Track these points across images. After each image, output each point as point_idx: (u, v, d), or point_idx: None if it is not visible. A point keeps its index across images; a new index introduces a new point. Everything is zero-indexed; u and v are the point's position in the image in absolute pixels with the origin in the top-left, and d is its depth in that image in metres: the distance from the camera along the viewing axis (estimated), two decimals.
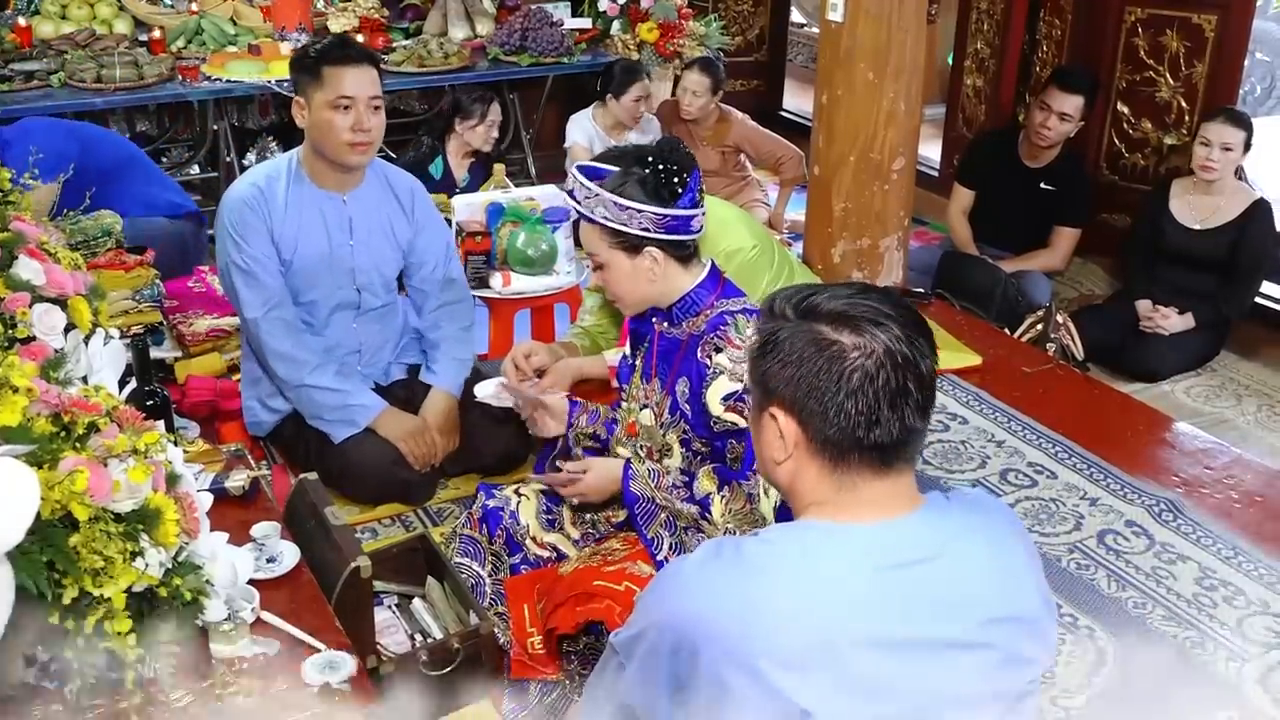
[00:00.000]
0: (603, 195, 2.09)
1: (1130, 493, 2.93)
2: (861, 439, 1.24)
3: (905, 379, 1.23)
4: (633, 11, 5.43)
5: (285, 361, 2.82)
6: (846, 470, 1.26)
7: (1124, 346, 4.05)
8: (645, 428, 2.30)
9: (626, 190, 2.09)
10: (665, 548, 2.16)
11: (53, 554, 1.30)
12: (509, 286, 3.52)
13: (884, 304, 1.26)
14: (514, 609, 2.25)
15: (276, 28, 5.11)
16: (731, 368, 2.09)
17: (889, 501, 1.27)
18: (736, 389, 2.09)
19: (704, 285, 2.19)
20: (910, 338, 1.24)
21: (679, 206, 2.10)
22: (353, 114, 2.68)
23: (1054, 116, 4.30)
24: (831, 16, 3.72)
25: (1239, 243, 3.99)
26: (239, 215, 2.77)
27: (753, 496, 2.07)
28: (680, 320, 2.20)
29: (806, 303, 1.28)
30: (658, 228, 2.10)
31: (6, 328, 1.75)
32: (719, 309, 2.16)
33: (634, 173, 2.10)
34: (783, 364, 1.26)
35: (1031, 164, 4.46)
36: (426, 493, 3.00)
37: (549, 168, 5.61)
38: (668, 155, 2.10)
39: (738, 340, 2.10)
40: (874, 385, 1.22)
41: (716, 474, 2.14)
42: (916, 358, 1.24)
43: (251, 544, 2.00)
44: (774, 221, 5.10)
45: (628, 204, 2.08)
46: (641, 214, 2.09)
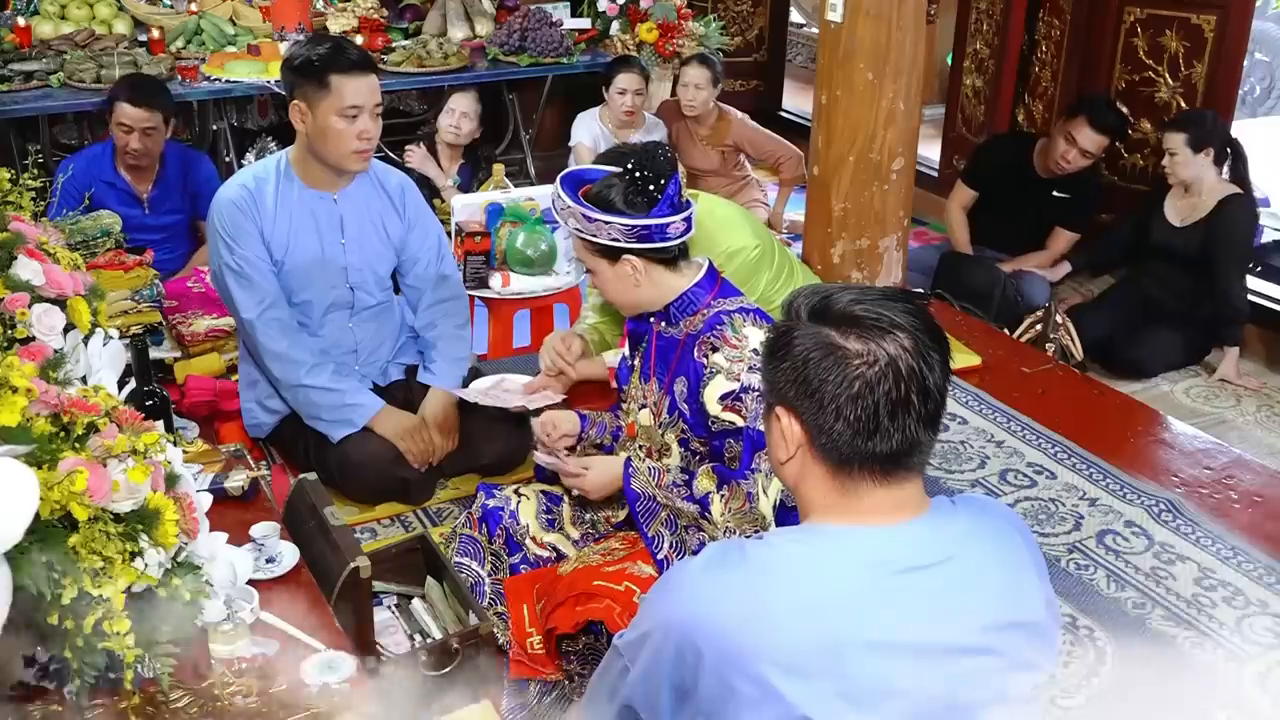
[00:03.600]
0: (572, 207, 2.11)
1: (1130, 493, 2.93)
2: (861, 447, 1.23)
3: (908, 390, 1.21)
4: (632, 12, 5.43)
5: (281, 362, 2.82)
6: (849, 476, 1.26)
7: (1112, 343, 4.06)
8: (644, 428, 2.30)
9: (601, 199, 2.10)
10: (666, 546, 2.16)
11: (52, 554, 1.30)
12: (508, 287, 3.52)
13: (899, 313, 1.24)
14: (513, 609, 2.25)
15: (276, 28, 5.11)
16: (728, 367, 2.09)
17: (893, 508, 1.27)
18: (734, 388, 2.09)
19: (700, 285, 2.19)
20: (921, 349, 1.22)
21: (653, 215, 2.09)
22: (359, 122, 2.69)
23: (1076, 150, 4.30)
24: (831, 17, 3.72)
25: (1208, 237, 4.00)
26: (229, 217, 2.77)
27: (751, 495, 2.08)
28: (678, 319, 2.20)
29: (822, 305, 1.26)
30: (628, 238, 2.10)
31: (6, 328, 1.75)
32: (716, 308, 2.16)
33: (611, 183, 2.11)
34: (789, 365, 1.25)
35: (1046, 175, 4.46)
36: (426, 492, 3.00)
37: (548, 168, 5.60)
38: (645, 161, 2.10)
39: (734, 339, 2.10)
40: (874, 394, 1.21)
41: (715, 473, 2.14)
42: (923, 370, 1.22)
43: (251, 544, 2.00)
44: (773, 221, 5.10)
45: (595, 216, 2.09)
46: (610, 225, 2.09)
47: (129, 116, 3.80)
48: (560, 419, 2.42)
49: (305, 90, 2.68)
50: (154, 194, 3.99)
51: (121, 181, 3.92)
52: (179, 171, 4.03)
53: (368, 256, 2.92)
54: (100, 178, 3.86)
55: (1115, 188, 4.82)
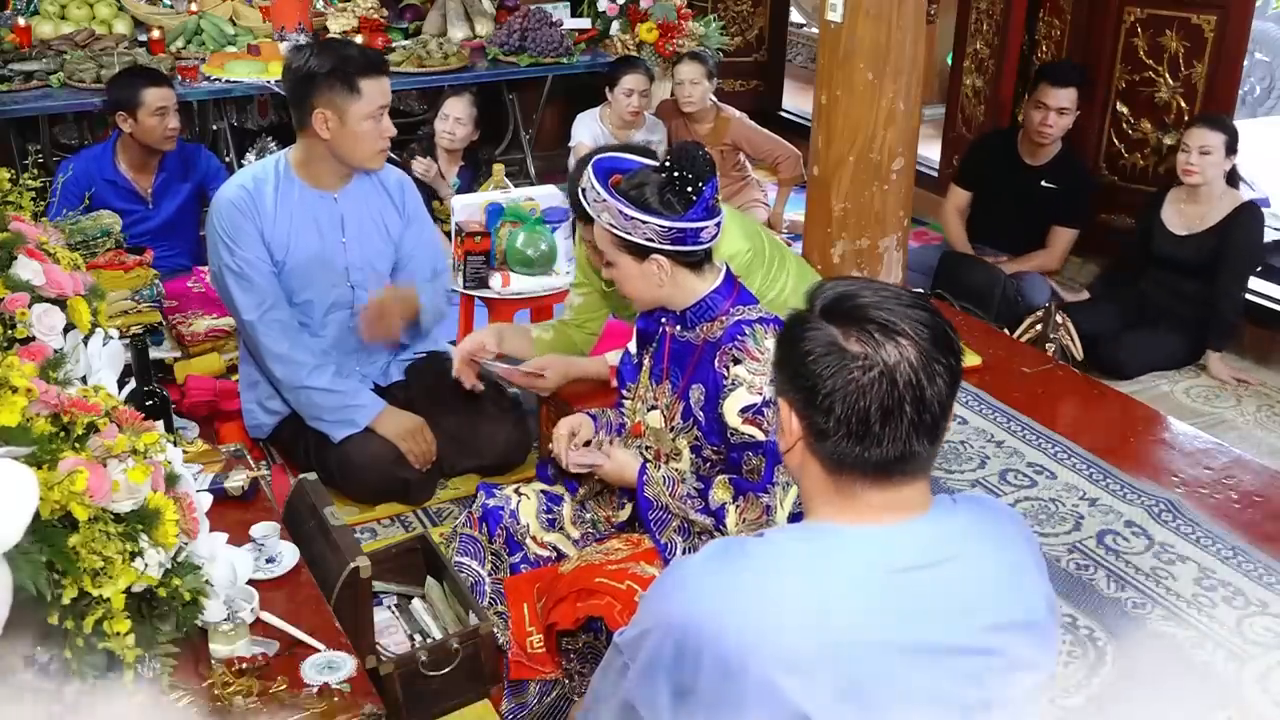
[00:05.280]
0: (609, 202, 2.07)
1: (1130, 493, 2.93)
2: (851, 451, 1.22)
3: (902, 399, 1.19)
4: (632, 12, 5.43)
5: (283, 363, 2.82)
6: (844, 476, 1.25)
7: (1096, 342, 4.05)
8: (653, 429, 2.29)
9: (636, 196, 2.06)
10: (679, 552, 2.14)
11: (52, 554, 1.30)
12: (508, 287, 3.52)
13: (911, 320, 1.22)
14: (513, 609, 2.25)
15: (276, 28, 5.11)
16: (750, 380, 2.06)
17: (892, 507, 1.27)
18: (755, 402, 2.06)
19: (719, 291, 2.16)
20: (926, 360, 1.20)
21: (688, 219, 2.05)
22: (383, 122, 2.73)
23: (1051, 113, 4.35)
24: (831, 17, 3.72)
25: (1221, 245, 4.00)
26: (229, 219, 2.77)
27: (770, 509, 2.06)
28: (694, 325, 2.17)
29: (834, 301, 1.25)
30: (663, 239, 2.07)
31: (6, 328, 1.75)
32: (735, 316, 2.13)
33: (651, 177, 2.07)
34: (795, 359, 1.25)
35: (1032, 161, 4.48)
36: (426, 492, 3.00)
37: (548, 168, 5.60)
38: (686, 162, 2.05)
39: (756, 352, 2.07)
40: (865, 399, 1.20)
41: (733, 484, 2.12)
42: (922, 381, 1.20)
43: (251, 544, 2.01)
44: (773, 221, 5.10)
45: (633, 214, 2.05)
46: (647, 224, 2.05)
47: (162, 97, 3.84)
48: (579, 424, 2.39)
49: (333, 97, 2.68)
50: (157, 187, 4.00)
51: (123, 179, 3.93)
52: (179, 163, 4.04)
53: (368, 254, 2.93)
54: (101, 176, 3.86)
55: (1115, 187, 4.82)
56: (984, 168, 4.62)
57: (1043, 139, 4.40)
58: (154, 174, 3.99)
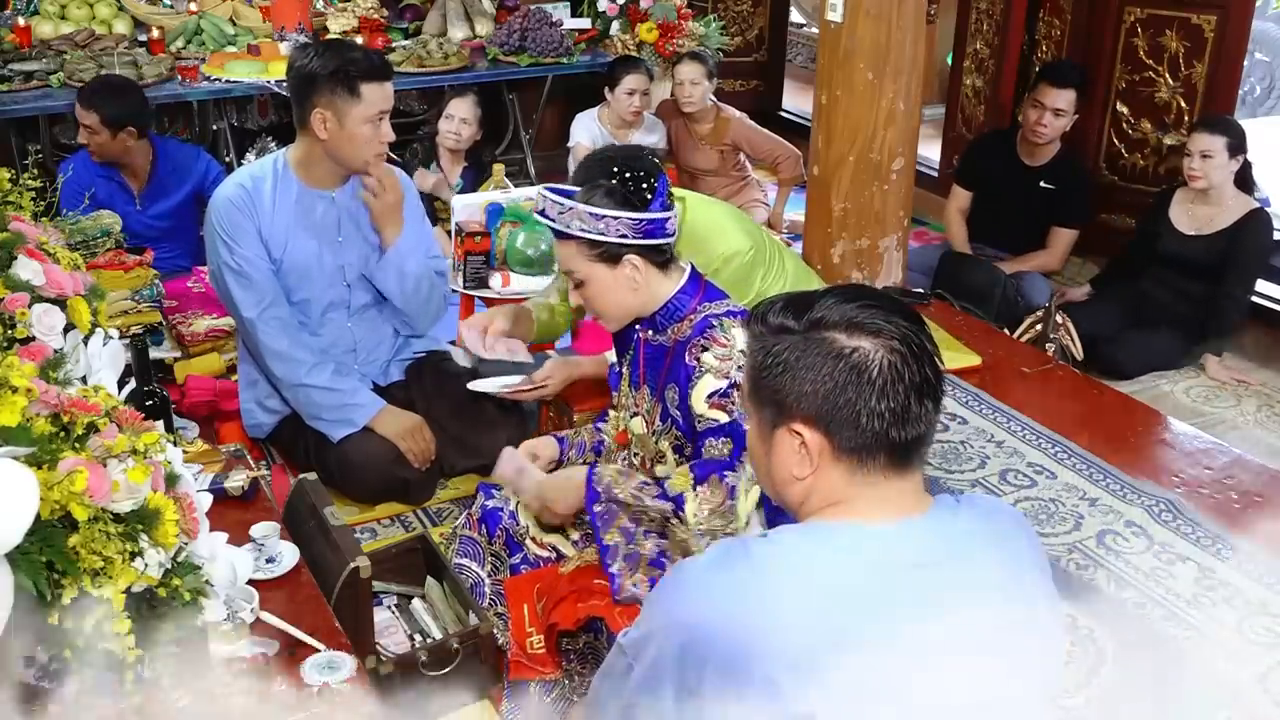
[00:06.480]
0: (577, 208, 2.09)
1: (1130, 493, 2.93)
2: (890, 437, 1.24)
3: (925, 369, 1.24)
4: (632, 12, 5.43)
5: (282, 361, 2.82)
6: (869, 470, 1.26)
7: (1097, 343, 4.05)
8: (637, 436, 2.30)
9: (597, 200, 2.09)
10: (620, 558, 2.10)
11: (52, 554, 1.30)
12: (508, 287, 3.52)
13: (883, 303, 1.27)
14: (513, 609, 2.25)
15: (276, 28, 5.10)
16: (717, 365, 2.09)
17: (902, 500, 1.27)
18: (722, 385, 2.08)
19: (685, 290, 2.19)
20: (917, 331, 1.26)
21: (651, 210, 2.10)
22: (382, 126, 2.73)
23: (1048, 113, 4.34)
24: (831, 17, 3.72)
25: (1230, 249, 3.99)
26: (228, 217, 2.78)
27: (734, 491, 2.06)
28: (665, 327, 2.20)
29: (809, 314, 1.27)
30: (635, 233, 2.09)
31: (6, 328, 1.75)
32: (703, 313, 2.16)
33: (600, 184, 2.10)
34: (800, 379, 1.25)
35: (1030, 162, 4.48)
36: (426, 492, 3.00)
37: (548, 168, 5.60)
38: (631, 163, 2.10)
39: (723, 339, 2.10)
40: (902, 382, 1.23)
41: (694, 471, 2.10)
42: (929, 348, 1.26)
43: (251, 544, 2.01)
44: (773, 221, 5.10)
45: (603, 213, 2.08)
46: (618, 220, 2.08)
47: (78, 114, 3.84)
48: (540, 446, 2.42)
49: (333, 99, 2.68)
50: (145, 191, 4.00)
51: (118, 176, 3.94)
52: (169, 169, 4.03)
53: (365, 251, 2.93)
54: (99, 172, 3.87)
55: (1116, 188, 4.82)
56: (982, 166, 4.63)
57: (1037, 139, 4.39)
58: (142, 177, 3.99)
